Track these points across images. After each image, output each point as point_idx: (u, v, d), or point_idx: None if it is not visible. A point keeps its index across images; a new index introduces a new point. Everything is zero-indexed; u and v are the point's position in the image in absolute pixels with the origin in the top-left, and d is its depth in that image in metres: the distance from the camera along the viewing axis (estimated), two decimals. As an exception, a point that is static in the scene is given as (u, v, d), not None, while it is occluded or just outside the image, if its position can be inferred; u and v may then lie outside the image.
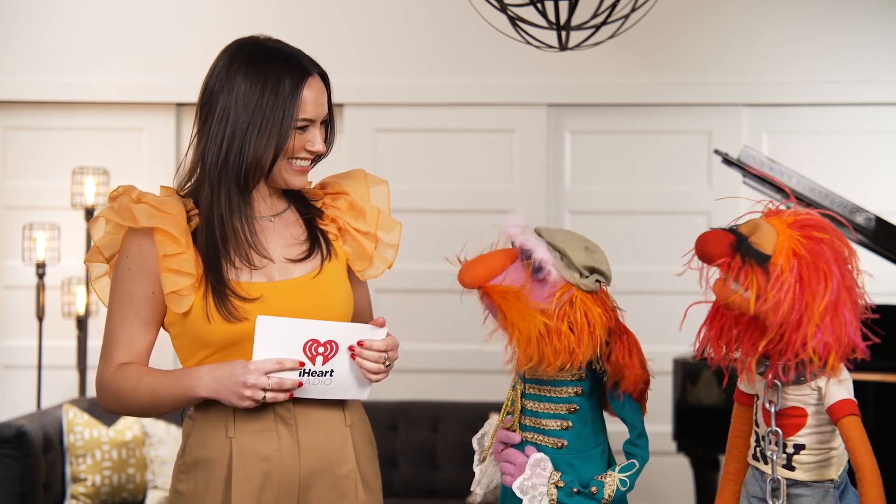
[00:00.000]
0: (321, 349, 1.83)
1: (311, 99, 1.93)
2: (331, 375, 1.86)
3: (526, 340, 1.79)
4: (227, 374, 1.83)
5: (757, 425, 1.80)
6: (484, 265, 1.85)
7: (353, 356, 1.86)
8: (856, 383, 1.78)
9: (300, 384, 1.84)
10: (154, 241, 1.89)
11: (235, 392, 1.82)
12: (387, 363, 1.89)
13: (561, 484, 1.84)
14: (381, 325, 1.89)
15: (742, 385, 1.85)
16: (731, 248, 1.65)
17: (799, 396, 1.74)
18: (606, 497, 1.85)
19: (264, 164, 1.91)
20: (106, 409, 1.95)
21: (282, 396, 1.84)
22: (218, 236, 1.90)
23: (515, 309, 1.80)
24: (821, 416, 1.74)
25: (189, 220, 1.93)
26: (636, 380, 1.86)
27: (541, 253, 1.84)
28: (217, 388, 1.83)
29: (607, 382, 1.89)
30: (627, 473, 1.89)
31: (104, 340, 1.94)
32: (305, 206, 2.03)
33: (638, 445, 1.90)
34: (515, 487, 1.85)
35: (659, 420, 4.44)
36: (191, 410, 1.97)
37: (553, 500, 1.84)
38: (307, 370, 1.84)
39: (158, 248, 1.88)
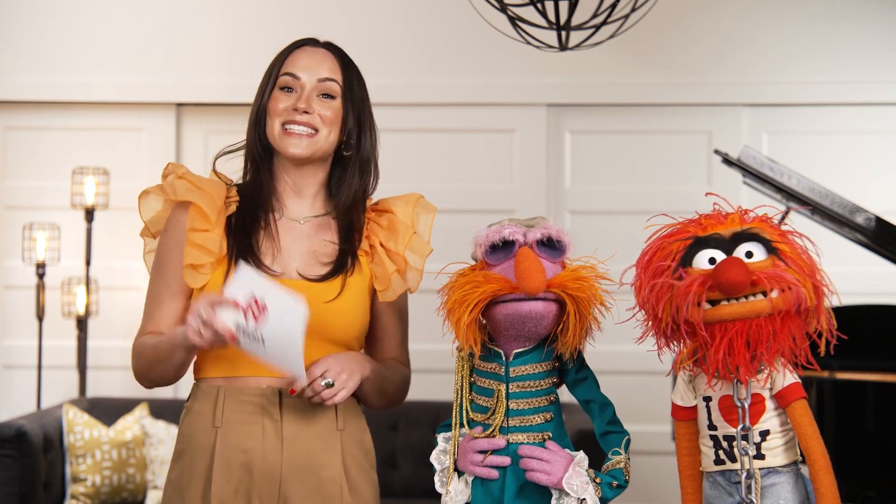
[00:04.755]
0: (256, 310, 1.76)
1: (299, 60, 2.00)
2: (263, 344, 1.79)
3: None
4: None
5: (713, 428, 1.77)
6: None
7: (291, 391, 1.86)
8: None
9: (233, 336, 1.76)
10: (188, 216, 1.94)
11: (189, 323, 1.80)
12: (329, 384, 1.86)
13: (598, 480, 1.82)
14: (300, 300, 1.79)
15: (678, 399, 1.83)
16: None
17: (753, 384, 1.74)
18: (626, 479, 1.85)
19: (253, 128, 2.01)
20: (135, 374, 2.00)
21: (207, 334, 1.76)
22: (246, 210, 1.97)
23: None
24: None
25: (229, 205, 1.98)
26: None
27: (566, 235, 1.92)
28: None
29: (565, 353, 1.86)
30: (629, 452, 1.88)
31: (143, 310, 2.00)
32: (351, 216, 2.03)
33: (617, 423, 1.88)
34: (564, 484, 1.79)
35: (659, 420, 4.36)
36: (188, 402, 1.99)
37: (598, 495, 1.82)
38: (240, 326, 1.77)
39: (188, 222, 1.93)
